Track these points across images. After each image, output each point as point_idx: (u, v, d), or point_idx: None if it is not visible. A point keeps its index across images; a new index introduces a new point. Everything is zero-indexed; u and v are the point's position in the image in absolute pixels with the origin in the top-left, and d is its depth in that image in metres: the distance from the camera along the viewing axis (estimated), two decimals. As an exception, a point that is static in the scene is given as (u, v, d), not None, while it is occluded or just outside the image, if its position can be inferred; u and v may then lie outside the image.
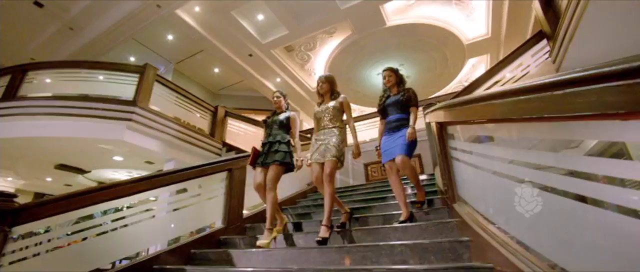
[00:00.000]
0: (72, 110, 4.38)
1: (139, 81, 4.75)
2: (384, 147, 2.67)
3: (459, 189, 2.12)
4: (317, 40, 7.10)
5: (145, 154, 5.16)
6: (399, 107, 2.69)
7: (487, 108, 1.40)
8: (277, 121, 2.91)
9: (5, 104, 4.45)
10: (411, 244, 1.85)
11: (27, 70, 4.75)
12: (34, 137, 4.50)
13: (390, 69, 2.85)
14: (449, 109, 2.05)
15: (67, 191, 7.37)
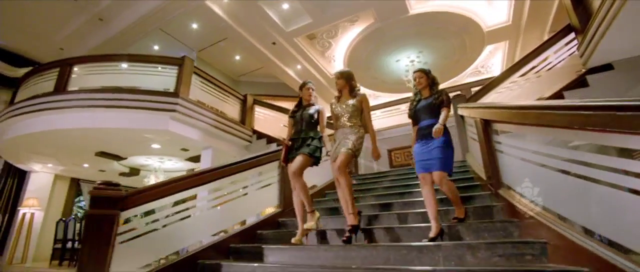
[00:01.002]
0: (120, 102, 4.71)
1: (179, 73, 5.04)
2: (418, 156, 2.49)
3: (504, 177, 2.48)
4: (340, 28, 7.28)
5: (183, 142, 5.53)
6: (432, 111, 2.52)
7: (545, 116, 1.73)
8: (307, 116, 2.82)
9: (57, 97, 4.79)
10: (466, 224, 2.24)
11: (73, 64, 5.05)
12: (83, 128, 4.86)
13: (421, 70, 2.67)
14: (498, 109, 2.38)
15: (108, 177, 7.85)
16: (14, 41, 6.98)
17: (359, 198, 3.67)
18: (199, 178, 2.80)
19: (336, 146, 2.65)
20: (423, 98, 2.64)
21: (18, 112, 4.94)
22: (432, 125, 2.42)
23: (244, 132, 6.10)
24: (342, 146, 2.58)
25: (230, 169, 3.04)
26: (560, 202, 1.80)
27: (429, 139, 2.45)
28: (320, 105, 2.96)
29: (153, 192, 2.54)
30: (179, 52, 8.31)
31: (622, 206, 1.31)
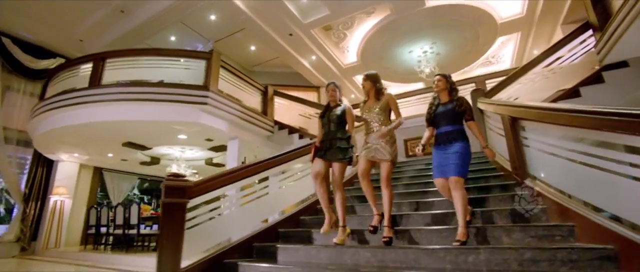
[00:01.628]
0: (153, 96, 4.96)
1: (208, 66, 5.26)
2: (436, 162, 2.53)
3: (530, 169, 2.78)
4: (356, 19, 7.41)
5: (210, 132, 5.80)
6: (451, 118, 2.53)
7: (577, 118, 1.99)
8: (335, 117, 2.88)
9: (93, 91, 5.03)
10: (498, 210, 2.55)
11: (105, 58, 5.26)
12: (118, 121, 5.12)
13: (441, 74, 2.70)
14: (529, 109, 2.64)
15: (130, 166, 8.11)
16: (36, 33, 7.12)
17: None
18: (253, 169, 3.10)
19: (368, 148, 2.68)
20: (442, 103, 2.63)
21: (54, 105, 5.19)
22: (452, 133, 2.47)
23: (267, 122, 6.36)
24: (380, 155, 2.60)
25: (281, 159, 3.33)
26: (584, 190, 2.11)
27: (447, 146, 2.47)
28: (346, 104, 2.99)
29: (214, 182, 2.85)
30: (195, 43, 8.50)
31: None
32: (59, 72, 5.88)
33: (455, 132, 2.50)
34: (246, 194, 3.22)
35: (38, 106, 5.59)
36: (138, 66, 5.48)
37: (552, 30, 7.50)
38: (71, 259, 5.64)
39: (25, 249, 6.57)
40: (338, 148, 2.78)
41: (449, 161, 2.42)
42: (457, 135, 2.49)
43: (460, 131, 2.52)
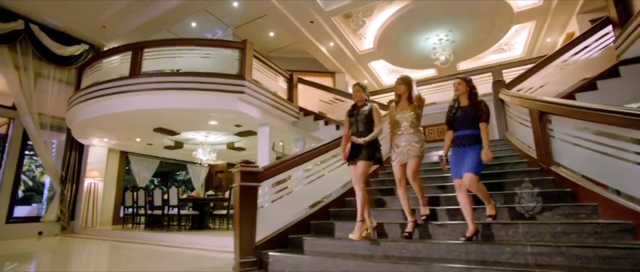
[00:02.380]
0: (192, 85, 5.27)
1: (242, 56, 5.55)
2: (453, 163, 2.66)
3: (555, 157, 3.20)
4: (376, 7, 7.60)
5: (241, 119, 6.15)
6: (470, 122, 2.64)
7: (605, 117, 2.37)
8: (362, 116, 2.97)
9: (133, 81, 5.33)
10: (528, 192, 2.98)
11: (143, 47, 5.52)
12: (157, 109, 5.45)
13: (462, 78, 2.79)
14: (556, 105, 3.01)
15: (155, 150, 8.48)
16: (61, 20, 7.27)
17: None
18: (311, 154, 3.50)
19: (399, 151, 2.87)
20: (461, 106, 2.72)
21: (94, 94, 5.50)
22: (470, 136, 2.60)
23: (292, 109, 6.71)
24: (410, 152, 2.80)
25: (336, 144, 3.72)
26: (605, 175, 2.54)
27: (464, 148, 2.59)
28: (373, 103, 3.07)
29: (279, 167, 3.26)
30: (215, 29, 8.69)
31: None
32: (94, 62, 6.14)
33: (474, 136, 2.59)
34: (308, 176, 3.64)
35: (77, 95, 5.89)
36: (164, 56, 5.72)
37: (567, 20, 7.75)
38: (118, 237, 6.12)
39: (65, 228, 7.07)
40: (366, 148, 2.86)
41: (465, 161, 2.55)
42: (475, 139, 2.59)
43: (478, 136, 2.60)
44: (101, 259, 4.03)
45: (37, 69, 7.06)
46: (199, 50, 5.83)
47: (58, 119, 7.32)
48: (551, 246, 2.14)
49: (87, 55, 7.86)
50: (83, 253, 4.57)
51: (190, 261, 3.69)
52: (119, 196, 8.23)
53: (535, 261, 2.13)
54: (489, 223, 2.60)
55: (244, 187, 2.95)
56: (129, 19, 7.55)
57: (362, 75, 10.86)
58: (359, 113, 3.01)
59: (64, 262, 3.95)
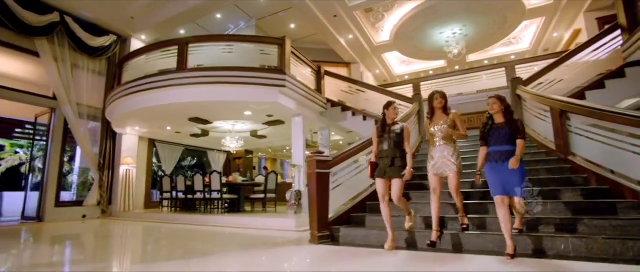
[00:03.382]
0: (236, 79, 5.73)
1: (281, 52, 6.02)
2: (495, 179, 2.70)
3: (572, 148, 3.88)
4: (397, 2, 8.06)
5: (277, 110, 6.65)
6: (507, 138, 2.70)
7: (619, 118, 3.03)
8: (393, 135, 3.14)
9: (179, 75, 5.78)
10: (547, 178, 3.68)
11: (188, 43, 5.93)
12: (203, 102, 5.93)
13: (496, 96, 2.85)
14: (576, 106, 3.66)
15: (181, 138, 8.98)
16: (93, 11, 7.52)
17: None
18: (365, 145, 4.09)
19: (435, 163, 3.03)
20: (496, 123, 2.79)
21: (142, 88, 5.94)
22: (507, 152, 2.66)
23: (321, 100, 7.24)
24: (447, 167, 2.96)
25: None
26: (615, 164, 3.23)
27: (500, 164, 2.67)
28: (403, 124, 3.26)
29: (345, 155, 3.87)
30: (238, 20, 9.03)
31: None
32: (135, 56, 6.53)
33: (512, 152, 2.65)
34: (358, 166, 4.26)
35: (121, 88, 6.32)
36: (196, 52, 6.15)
37: (575, 17, 8.36)
38: (162, 219, 6.70)
39: (104, 211, 7.61)
40: (399, 167, 3.04)
41: (509, 180, 2.62)
42: (512, 154, 2.64)
43: (514, 151, 2.65)
44: (172, 240, 4.49)
45: (73, 60, 7.37)
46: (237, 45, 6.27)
47: (93, 108, 7.72)
48: (576, 219, 2.83)
49: (116, 46, 8.18)
50: (148, 234, 5.12)
51: (254, 239, 4.24)
52: (149, 182, 8.76)
53: (564, 227, 2.82)
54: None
55: (319, 174, 3.56)
56: (158, 12, 7.85)
57: (375, 65, 11.38)
58: (391, 132, 3.16)
59: (152, 245, 4.50)
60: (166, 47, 6.10)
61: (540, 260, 2.51)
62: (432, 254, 2.87)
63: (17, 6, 6.33)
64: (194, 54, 6.09)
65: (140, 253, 3.63)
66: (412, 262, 2.66)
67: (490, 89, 7.37)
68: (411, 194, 4.03)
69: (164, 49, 6.13)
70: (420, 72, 12.50)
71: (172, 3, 7.57)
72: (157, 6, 7.70)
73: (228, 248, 3.63)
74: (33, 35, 6.67)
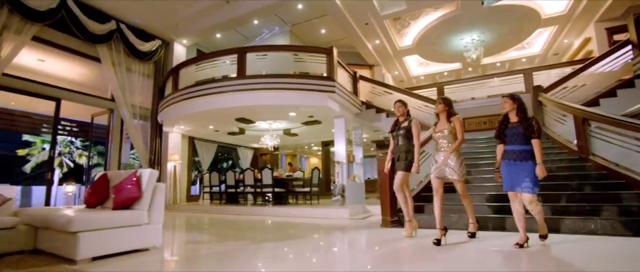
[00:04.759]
0: (291, 86, 6.52)
1: (329, 60, 6.81)
2: (506, 176, 2.84)
3: (592, 149, 4.77)
4: (423, 12, 8.86)
5: (320, 112, 7.44)
6: (521, 138, 2.79)
7: (635, 127, 3.91)
8: (403, 131, 3.39)
9: (241, 81, 6.55)
10: (572, 174, 4.56)
11: (246, 51, 6.69)
12: (260, 105, 6.70)
13: (509, 95, 2.94)
14: (597, 115, 4.52)
15: (219, 136, 9.80)
16: (144, 18, 8.21)
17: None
18: None
19: (437, 166, 3.17)
20: (511, 122, 2.89)
21: (200, 93, 6.70)
22: (523, 151, 2.77)
23: (357, 102, 8.05)
24: (450, 175, 3.09)
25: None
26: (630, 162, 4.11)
27: (518, 163, 2.76)
28: (413, 119, 3.48)
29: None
30: (273, 26, 9.76)
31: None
32: (190, 64, 7.28)
33: (526, 151, 2.75)
34: None
35: (180, 93, 7.07)
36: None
37: (586, 26, 9.23)
38: (217, 211, 7.49)
39: (155, 203, 8.38)
40: (404, 160, 3.31)
41: (521, 178, 2.74)
42: (527, 154, 2.75)
43: (531, 151, 2.76)
44: (255, 227, 5.13)
45: (127, 64, 8.08)
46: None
47: (143, 108, 8.45)
48: (599, 205, 3.72)
49: (161, 49, 8.88)
50: (227, 223, 5.76)
51: (329, 226, 4.91)
52: (190, 176, 9.54)
53: (592, 211, 3.71)
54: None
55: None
56: (202, 19, 8.55)
57: (395, 67, 12.20)
58: (400, 128, 3.41)
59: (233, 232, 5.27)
60: (225, 55, 6.86)
61: (579, 235, 3.39)
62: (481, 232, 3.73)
63: (84, 16, 7.02)
64: (225, 63, 6.87)
65: (248, 237, 4.39)
66: (468, 239, 3.47)
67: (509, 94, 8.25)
68: (427, 207, 4.55)
69: (215, 58, 6.91)
70: (436, 73, 13.36)
71: (217, 12, 8.28)
72: (203, 14, 8.40)
73: (318, 232, 4.39)
74: (96, 43, 7.36)
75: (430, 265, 2.49)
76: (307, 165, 16.20)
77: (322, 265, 2.56)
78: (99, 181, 3.36)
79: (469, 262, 2.51)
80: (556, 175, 4.62)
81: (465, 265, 2.42)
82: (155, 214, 3.01)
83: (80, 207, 3.40)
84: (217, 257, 2.83)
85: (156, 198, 3.03)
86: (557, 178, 4.56)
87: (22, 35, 6.07)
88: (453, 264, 2.46)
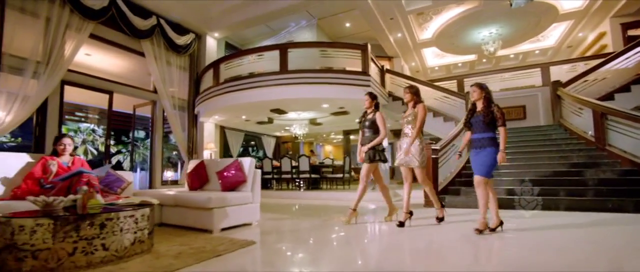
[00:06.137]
0: (331, 80, 7.12)
1: (364, 56, 7.39)
2: (472, 164, 3.03)
3: (608, 141, 5.45)
4: (446, 7, 9.35)
5: (351, 104, 8.07)
6: (484, 125, 2.92)
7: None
8: (368, 123, 3.54)
9: (283, 76, 7.14)
10: (590, 162, 5.27)
11: (287, 48, 7.25)
12: (302, 98, 7.31)
13: (478, 85, 3.04)
14: (614, 110, 5.19)
15: (250, 125, 10.51)
16: (181, 14, 8.69)
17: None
18: (455, 135, 5.60)
19: (400, 154, 3.35)
20: (478, 111, 3.02)
21: (243, 86, 7.30)
22: (483, 139, 2.93)
23: (384, 94, 8.66)
24: (411, 161, 3.22)
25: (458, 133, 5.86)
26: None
27: (479, 150, 2.94)
28: (378, 112, 3.60)
29: (443, 144, 5.39)
30: (300, 19, 10.24)
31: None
32: (231, 58, 7.85)
33: (485, 138, 2.91)
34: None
35: (222, 86, 7.67)
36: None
37: (601, 21, 9.76)
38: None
39: (194, 189, 9.10)
40: (367, 152, 3.46)
41: (477, 163, 2.93)
42: (487, 141, 2.90)
43: (490, 138, 2.90)
44: (301, 210, 5.97)
45: (166, 58, 8.62)
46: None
47: (181, 99, 9.04)
48: (616, 189, 4.43)
49: (195, 43, 9.40)
50: (274, 207, 6.58)
51: (378, 207, 5.78)
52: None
53: (609, 193, 4.43)
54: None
55: (433, 159, 5.10)
56: (235, 14, 9.02)
57: (412, 59, 12.74)
58: (366, 119, 3.57)
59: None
60: (267, 51, 7.42)
61: (599, 213, 4.12)
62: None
63: (130, 13, 7.52)
64: (262, 57, 7.44)
65: (312, 215, 5.07)
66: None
67: (526, 86, 8.89)
68: (462, 190, 5.32)
69: (257, 53, 7.48)
70: (451, 64, 13.90)
71: (250, 8, 8.76)
72: (237, 8, 8.88)
73: (365, 214, 5.14)
74: (140, 38, 7.88)
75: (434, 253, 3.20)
76: (323, 153, 16.91)
77: (389, 235, 3.24)
78: (199, 168, 4.04)
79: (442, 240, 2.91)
80: (577, 162, 5.33)
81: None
82: (256, 195, 3.70)
83: (183, 189, 4.08)
84: (305, 231, 3.51)
85: (256, 182, 3.71)
86: (578, 165, 5.27)
87: (81, 33, 6.60)
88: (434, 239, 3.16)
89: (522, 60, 13.27)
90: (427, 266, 2.13)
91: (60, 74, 6.17)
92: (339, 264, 2.19)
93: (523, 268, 1.96)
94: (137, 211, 2.25)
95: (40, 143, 6.13)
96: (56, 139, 3.15)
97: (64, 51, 6.25)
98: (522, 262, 2.09)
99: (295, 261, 2.34)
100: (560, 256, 2.20)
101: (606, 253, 2.31)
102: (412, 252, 2.53)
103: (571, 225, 3.42)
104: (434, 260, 2.27)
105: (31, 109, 5.74)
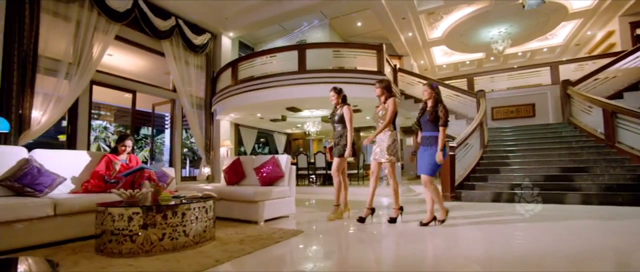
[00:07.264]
0: (346, 79, 7.41)
1: (379, 56, 7.68)
2: (418, 161, 3.12)
3: (618, 138, 5.74)
4: (457, 7, 9.60)
5: (365, 102, 8.36)
6: (430, 125, 3.02)
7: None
8: (337, 117, 3.64)
9: (300, 75, 7.43)
10: (600, 159, 5.57)
11: (305, 48, 7.54)
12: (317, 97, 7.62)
13: (428, 84, 3.12)
14: (625, 109, 5.47)
15: (263, 123, 10.86)
16: (198, 14, 8.96)
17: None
18: (472, 132, 5.90)
19: (375, 148, 3.34)
20: (427, 110, 3.10)
21: (262, 85, 7.60)
22: (429, 138, 3.03)
23: (397, 92, 8.95)
24: (381, 155, 3.22)
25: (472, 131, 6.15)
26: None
27: (426, 147, 3.04)
28: (345, 106, 3.71)
29: (461, 141, 5.69)
30: (313, 18, 10.50)
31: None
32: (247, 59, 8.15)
33: (432, 137, 3.00)
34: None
35: (241, 86, 7.96)
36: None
37: (610, 19, 10.00)
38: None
39: (211, 185, 9.44)
40: (337, 146, 3.53)
41: (424, 162, 3.01)
42: (433, 140, 2.99)
43: (436, 138, 2.98)
44: (328, 205, 6.34)
45: (185, 58, 8.91)
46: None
47: (198, 98, 9.34)
48: (625, 184, 4.73)
49: (211, 43, 9.68)
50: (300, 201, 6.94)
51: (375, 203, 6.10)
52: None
53: (619, 189, 4.73)
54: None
55: (451, 156, 5.40)
56: (251, 14, 9.30)
57: (421, 57, 13.00)
58: (335, 114, 3.65)
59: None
60: (285, 51, 7.71)
61: (611, 206, 4.42)
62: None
63: (151, 14, 7.80)
64: (275, 57, 7.73)
65: None
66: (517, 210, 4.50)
67: (535, 84, 9.16)
68: (477, 185, 5.66)
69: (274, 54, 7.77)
70: (459, 62, 14.16)
71: (266, 7, 9.03)
72: (253, 9, 9.16)
73: (381, 209, 5.48)
74: (160, 38, 8.17)
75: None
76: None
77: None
78: (235, 164, 4.36)
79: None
80: (587, 159, 5.63)
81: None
82: (292, 189, 4.02)
83: (220, 184, 4.40)
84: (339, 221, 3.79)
85: (291, 177, 4.03)
86: (588, 162, 5.57)
87: (107, 35, 6.90)
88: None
89: (529, 58, 13.52)
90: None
91: (90, 75, 6.47)
92: (384, 248, 2.50)
93: (559, 252, 2.27)
94: (207, 202, 2.57)
95: (72, 140, 6.46)
96: (119, 139, 3.46)
97: (92, 53, 6.55)
98: (551, 248, 2.40)
99: (344, 245, 2.65)
100: (585, 243, 2.51)
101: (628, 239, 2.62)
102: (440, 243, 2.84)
103: (585, 217, 3.73)
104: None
105: (64, 108, 6.04)
